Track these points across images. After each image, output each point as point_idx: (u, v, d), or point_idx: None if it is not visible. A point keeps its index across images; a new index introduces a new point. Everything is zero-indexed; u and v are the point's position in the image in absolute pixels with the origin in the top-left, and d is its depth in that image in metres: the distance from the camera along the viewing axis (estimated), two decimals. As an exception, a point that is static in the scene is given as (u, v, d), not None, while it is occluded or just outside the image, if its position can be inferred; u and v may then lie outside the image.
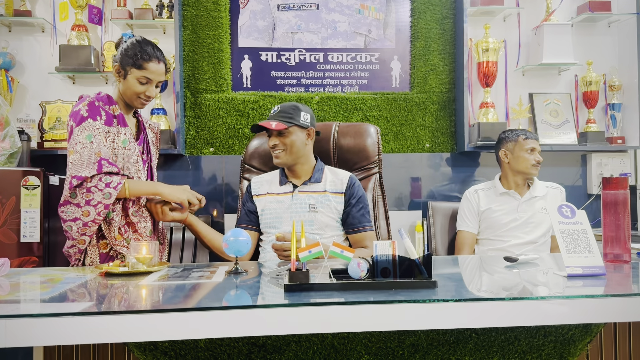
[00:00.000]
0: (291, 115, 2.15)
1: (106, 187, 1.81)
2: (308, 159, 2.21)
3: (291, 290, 1.20)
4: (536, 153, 2.60)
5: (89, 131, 1.86)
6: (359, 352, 1.32)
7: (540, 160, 2.60)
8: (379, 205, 2.48)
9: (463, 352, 1.34)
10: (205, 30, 3.11)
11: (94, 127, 1.87)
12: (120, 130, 1.95)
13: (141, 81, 1.94)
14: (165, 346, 1.28)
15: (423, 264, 1.25)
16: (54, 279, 1.49)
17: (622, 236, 1.55)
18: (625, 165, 3.32)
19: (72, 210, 1.81)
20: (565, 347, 1.35)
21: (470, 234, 2.66)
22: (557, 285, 1.29)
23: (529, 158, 2.58)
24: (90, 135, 1.85)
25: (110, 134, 1.92)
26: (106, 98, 1.97)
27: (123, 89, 1.98)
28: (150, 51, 1.95)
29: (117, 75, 1.97)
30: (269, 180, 2.26)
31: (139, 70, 1.93)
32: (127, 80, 1.95)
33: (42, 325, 1.01)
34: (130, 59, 1.93)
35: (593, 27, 3.39)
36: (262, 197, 2.22)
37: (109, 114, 1.94)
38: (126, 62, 1.94)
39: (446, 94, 3.26)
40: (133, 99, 1.97)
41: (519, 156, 2.60)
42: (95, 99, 1.93)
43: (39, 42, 3.07)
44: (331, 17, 3.21)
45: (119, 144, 1.94)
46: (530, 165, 2.58)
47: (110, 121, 1.93)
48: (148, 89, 1.96)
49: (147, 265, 1.55)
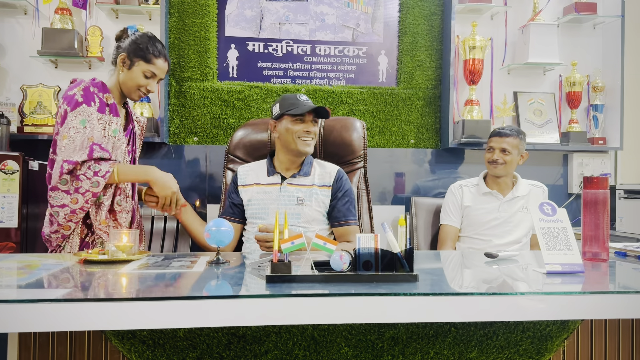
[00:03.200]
0: None
1: (94, 175, 1.80)
2: None
3: (273, 281, 1.20)
4: (495, 152, 2.56)
5: (83, 116, 1.85)
6: (338, 344, 1.32)
7: (497, 160, 2.55)
8: (363, 199, 2.49)
9: (442, 346, 1.35)
10: (192, 18, 3.07)
11: (88, 113, 1.86)
12: (112, 119, 1.94)
13: (146, 75, 1.96)
14: (144, 335, 1.27)
15: (405, 257, 1.25)
16: (31, 265, 1.47)
17: (601, 235, 1.57)
18: (605, 165, 3.37)
19: (60, 196, 1.80)
20: (542, 342, 1.37)
21: (453, 228, 2.67)
22: (536, 282, 1.30)
23: (486, 156, 2.62)
24: (84, 121, 1.84)
25: (103, 121, 1.90)
26: (101, 85, 1.94)
27: (124, 79, 1.97)
28: (160, 48, 1.98)
29: (122, 65, 1.96)
30: (256, 170, 2.24)
31: (146, 64, 1.94)
32: (132, 71, 1.95)
33: (17, 312, 0.99)
34: (141, 51, 1.94)
35: (578, 28, 3.43)
36: (249, 187, 2.20)
37: (103, 102, 1.91)
38: (136, 53, 1.94)
39: (432, 90, 3.27)
40: (132, 90, 1.98)
41: (484, 153, 2.65)
42: (90, 85, 1.91)
43: (21, 24, 3.01)
44: (319, 9, 3.20)
45: (110, 132, 1.93)
46: (488, 163, 2.60)
47: (103, 109, 1.91)
48: (150, 84, 1.98)
49: (127, 253, 1.53)
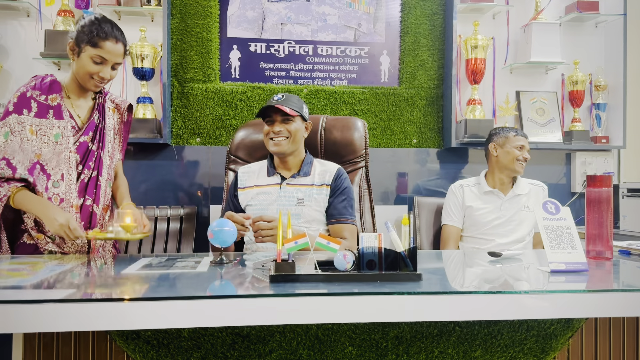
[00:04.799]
0: (298, 105, 2.15)
1: None
2: (301, 151, 2.20)
3: (276, 280, 1.20)
4: (524, 151, 2.62)
5: (8, 128, 1.78)
6: (343, 343, 1.32)
7: (527, 158, 2.62)
8: (365, 199, 2.48)
9: (446, 345, 1.34)
10: (194, 19, 3.07)
11: (17, 122, 1.78)
12: (54, 124, 1.82)
13: (95, 60, 1.80)
14: (148, 335, 1.27)
15: (408, 256, 1.25)
16: (35, 265, 1.47)
17: (604, 234, 1.57)
18: (608, 164, 3.36)
19: None
20: (547, 341, 1.37)
21: (455, 228, 2.67)
22: (540, 281, 1.30)
23: (516, 154, 2.60)
24: (7, 133, 1.78)
25: (42, 126, 1.81)
26: (48, 86, 1.84)
27: (76, 69, 1.84)
28: (107, 29, 1.80)
29: (71, 53, 1.84)
30: (256, 171, 2.23)
31: (93, 49, 1.78)
32: (81, 58, 1.81)
33: (22, 312, 0.99)
34: (86, 35, 1.79)
35: (581, 27, 3.42)
36: (249, 189, 2.19)
37: (44, 105, 1.81)
38: (81, 39, 1.80)
39: (434, 90, 3.27)
40: (85, 79, 1.84)
41: (507, 151, 2.62)
42: (29, 89, 1.82)
43: (24, 26, 3.01)
44: (321, 10, 3.20)
45: (51, 137, 1.82)
46: (516, 160, 2.60)
47: (44, 113, 1.81)
48: (102, 70, 1.82)
49: (131, 233, 1.58)
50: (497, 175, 2.67)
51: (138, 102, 3.00)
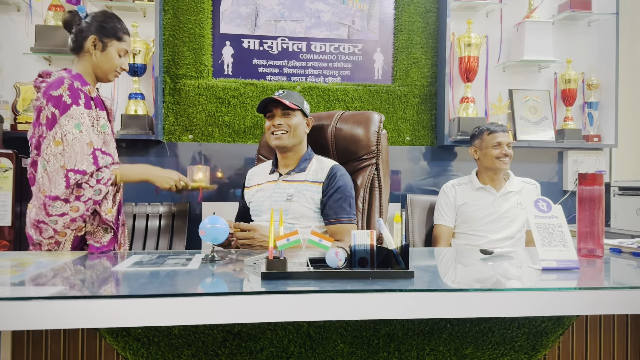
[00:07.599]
0: (298, 100, 2.17)
1: (97, 183, 1.72)
2: (302, 147, 2.21)
3: (268, 278, 1.19)
4: (503, 146, 2.59)
5: (77, 119, 1.73)
6: (334, 340, 1.32)
7: (507, 153, 2.59)
8: (375, 197, 2.38)
9: (437, 342, 1.34)
10: (187, 15, 3.06)
11: (80, 113, 1.75)
12: (99, 114, 1.84)
13: (120, 53, 1.91)
14: (138, 332, 1.26)
15: (400, 254, 1.25)
16: (24, 262, 1.46)
17: (596, 232, 1.58)
18: (600, 163, 3.38)
19: (59, 205, 1.69)
20: (537, 338, 1.37)
21: (447, 227, 2.68)
22: (532, 278, 1.30)
23: (495, 153, 2.59)
24: (79, 125, 1.73)
25: (91, 117, 1.80)
26: (80, 77, 1.82)
27: (99, 62, 1.88)
28: (124, 25, 1.94)
29: (94, 48, 1.86)
30: (261, 170, 2.29)
31: (119, 42, 1.90)
32: (108, 52, 1.88)
33: (10, 310, 0.98)
34: (112, 30, 1.88)
35: (573, 25, 3.43)
36: (253, 188, 2.25)
37: (87, 96, 1.80)
38: (106, 33, 1.88)
39: (427, 88, 3.27)
40: (109, 72, 1.91)
41: (485, 153, 2.62)
42: (72, 80, 1.78)
43: (14, 21, 2.98)
44: (315, 7, 3.19)
45: (99, 128, 1.83)
46: (496, 159, 2.58)
47: (89, 104, 1.80)
48: (124, 62, 1.95)
49: (205, 184, 1.96)
50: (485, 174, 2.67)
51: (130, 98, 2.98)
